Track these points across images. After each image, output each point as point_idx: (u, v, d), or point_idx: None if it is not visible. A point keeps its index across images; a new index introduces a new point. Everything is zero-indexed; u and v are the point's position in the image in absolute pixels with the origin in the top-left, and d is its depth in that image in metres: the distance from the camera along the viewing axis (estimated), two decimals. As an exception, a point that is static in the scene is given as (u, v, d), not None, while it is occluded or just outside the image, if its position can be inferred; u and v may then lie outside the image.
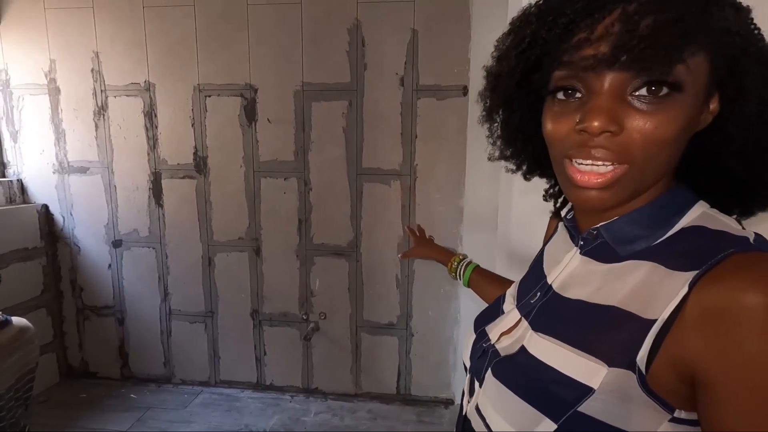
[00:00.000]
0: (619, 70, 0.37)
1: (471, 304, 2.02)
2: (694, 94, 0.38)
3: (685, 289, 0.36)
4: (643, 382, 0.36)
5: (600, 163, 0.40)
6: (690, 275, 0.36)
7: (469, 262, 0.97)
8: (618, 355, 0.38)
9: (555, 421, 0.39)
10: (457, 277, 0.97)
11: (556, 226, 0.59)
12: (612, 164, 0.39)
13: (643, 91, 0.38)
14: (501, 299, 0.59)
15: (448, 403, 2.33)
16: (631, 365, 0.37)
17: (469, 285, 0.95)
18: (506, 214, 1.34)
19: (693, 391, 0.36)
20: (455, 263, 0.98)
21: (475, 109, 2.04)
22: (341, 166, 2.22)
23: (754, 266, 0.34)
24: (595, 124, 0.38)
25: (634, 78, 0.37)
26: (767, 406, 0.32)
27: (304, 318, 2.36)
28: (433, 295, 2.27)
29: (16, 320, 1.44)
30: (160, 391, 2.46)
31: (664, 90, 0.37)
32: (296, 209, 2.28)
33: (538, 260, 0.58)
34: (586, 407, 0.38)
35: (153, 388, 2.49)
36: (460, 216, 2.17)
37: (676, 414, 0.37)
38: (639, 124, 0.38)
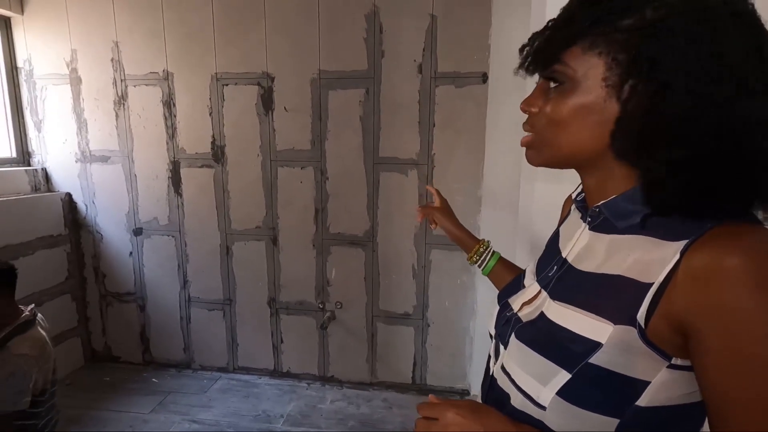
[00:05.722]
0: (528, 71, 0.52)
1: (488, 295, 2.00)
2: (586, 86, 0.46)
3: (677, 257, 0.42)
4: (643, 335, 0.44)
5: (525, 131, 0.55)
6: (681, 244, 0.42)
7: (494, 252, 0.93)
8: (622, 314, 0.45)
9: (569, 371, 0.47)
10: (481, 263, 0.93)
11: (569, 210, 0.66)
12: (528, 132, 0.54)
13: (552, 84, 0.50)
14: (521, 276, 0.66)
15: (464, 393, 2.32)
16: (633, 322, 0.44)
17: (489, 274, 0.92)
18: (528, 202, 1.31)
19: (686, 342, 0.42)
20: (481, 248, 0.94)
21: (494, 96, 2.00)
22: (358, 155, 2.20)
23: (735, 234, 0.41)
24: (520, 106, 0.54)
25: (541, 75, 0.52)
26: (743, 351, 0.38)
27: (321, 307, 2.38)
28: (450, 285, 2.25)
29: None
30: (180, 376, 2.52)
31: (556, 83, 0.50)
32: (313, 198, 2.28)
33: (554, 240, 0.64)
34: (596, 359, 0.46)
35: (173, 373, 2.54)
36: (478, 206, 2.15)
37: (673, 361, 0.43)
38: (544, 106, 0.51)
